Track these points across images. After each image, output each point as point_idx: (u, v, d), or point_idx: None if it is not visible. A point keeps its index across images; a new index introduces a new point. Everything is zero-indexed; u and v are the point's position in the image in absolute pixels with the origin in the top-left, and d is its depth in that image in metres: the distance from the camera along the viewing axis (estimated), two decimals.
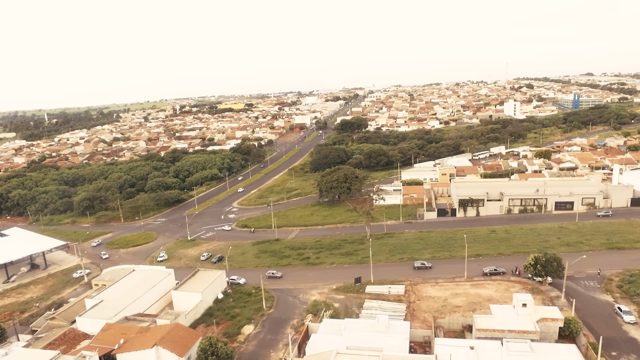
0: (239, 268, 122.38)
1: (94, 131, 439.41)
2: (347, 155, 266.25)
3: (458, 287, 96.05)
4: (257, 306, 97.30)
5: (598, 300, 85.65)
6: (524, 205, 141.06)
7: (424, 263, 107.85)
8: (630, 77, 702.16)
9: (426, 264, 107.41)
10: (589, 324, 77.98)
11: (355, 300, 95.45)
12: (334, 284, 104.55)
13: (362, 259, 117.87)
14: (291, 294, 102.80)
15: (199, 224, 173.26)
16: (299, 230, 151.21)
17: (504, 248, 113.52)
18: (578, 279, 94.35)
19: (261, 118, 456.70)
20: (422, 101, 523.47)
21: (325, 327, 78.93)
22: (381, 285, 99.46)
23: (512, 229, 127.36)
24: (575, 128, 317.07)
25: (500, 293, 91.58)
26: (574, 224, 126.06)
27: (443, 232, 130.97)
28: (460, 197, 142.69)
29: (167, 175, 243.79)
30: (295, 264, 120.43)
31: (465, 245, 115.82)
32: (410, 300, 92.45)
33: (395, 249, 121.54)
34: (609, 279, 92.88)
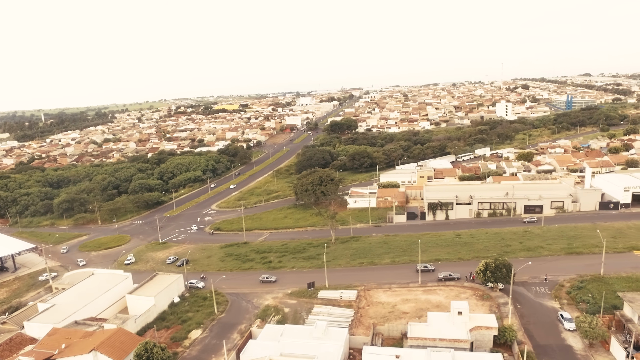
0: (201, 271, 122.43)
1: (86, 132, 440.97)
2: (332, 157, 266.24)
3: (410, 292, 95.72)
4: (210, 310, 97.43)
5: (545, 306, 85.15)
6: (493, 208, 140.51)
7: (424, 266, 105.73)
8: (627, 78, 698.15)
9: (429, 267, 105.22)
10: (531, 331, 77.63)
11: (306, 305, 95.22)
12: (289, 288, 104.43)
13: (322, 263, 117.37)
14: (246, 298, 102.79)
15: (174, 226, 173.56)
16: (269, 234, 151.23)
17: (464, 253, 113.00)
18: (530, 285, 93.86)
19: (253, 119, 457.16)
20: (416, 102, 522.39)
21: (266, 333, 78.97)
22: (334, 290, 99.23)
23: (478, 233, 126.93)
24: (564, 129, 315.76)
25: (451, 299, 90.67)
26: (539, 228, 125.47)
27: (409, 236, 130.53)
28: (430, 200, 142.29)
29: (151, 177, 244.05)
30: (257, 268, 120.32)
31: (425, 250, 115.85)
32: (359, 306, 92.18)
33: (358, 253, 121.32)
34: (560, 285, 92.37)
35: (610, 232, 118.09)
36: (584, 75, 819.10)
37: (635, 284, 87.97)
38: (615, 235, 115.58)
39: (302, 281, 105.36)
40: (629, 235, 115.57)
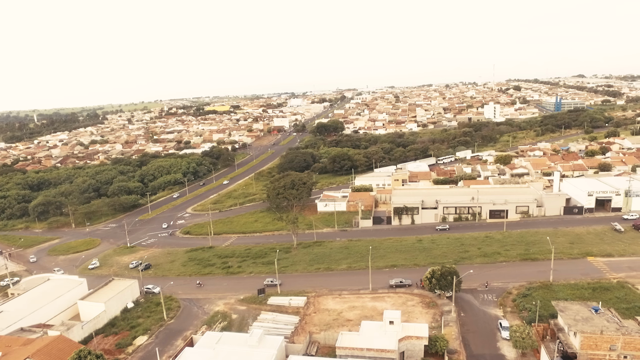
0: (162, 276, 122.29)
1: (75, 133, 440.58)
2: (314, 160, 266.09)
3: (359, 299, 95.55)
4: (161, 316, 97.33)
5: (488, 314, 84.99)
6: (458, 213, 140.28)
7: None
8: (619, 79, 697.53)
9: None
10: (468, 339, 77.47)
11: (255, 312, 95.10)
12: (243, 294, 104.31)
13: (280, 268, 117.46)
14: (198, 304, 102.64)
15: (146, 229, 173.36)
16: (236, 238, 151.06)
17: (421, 258, 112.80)
18: (478, 292, 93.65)
19: (243, 120, 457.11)
20: (407, 103, 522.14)
21: (204, 340, 78.72)
22: (285, 296, 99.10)
23: (439, 238, 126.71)
24: (548, 131, 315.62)
25: (397, 307, 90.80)
26: (501, 234, 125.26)
27: (371, 240, 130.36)
28: (395, 205, 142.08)
29: (132, 179, 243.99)
30: (215, 273, 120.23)
31: (384, 256, 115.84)
32: (306, 313, 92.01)
33: (317, 258, 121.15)
34: (508, 292, 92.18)
35: (569, 238, 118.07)
36: (577, 77, 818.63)
37: (580, 291, 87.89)
38: (573, 241, 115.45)
39: (250, 287, 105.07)
40: (586, 240, 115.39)
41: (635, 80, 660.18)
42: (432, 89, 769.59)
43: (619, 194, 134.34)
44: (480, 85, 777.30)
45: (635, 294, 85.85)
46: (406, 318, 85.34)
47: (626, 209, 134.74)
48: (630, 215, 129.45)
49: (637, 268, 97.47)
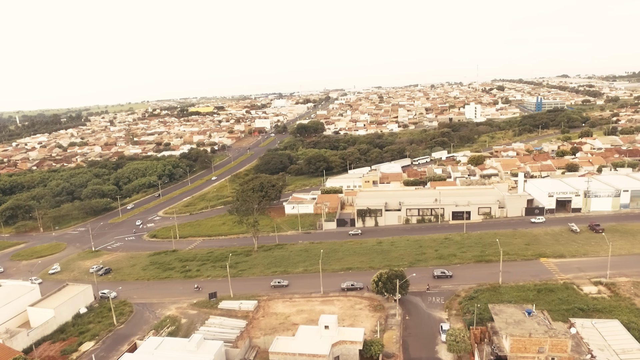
0: (120, 280, 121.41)
1: (55, 135, 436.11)
2: (290, 161, 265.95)
3: (308, 303, 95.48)
4: (111, 321, 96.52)
5: (433, 317, 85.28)
6: (421, 215, 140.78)
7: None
8: (601, 80, 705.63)
9: (446, 273, 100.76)
10: (408, 343, 77.70)
11: (205, 316, 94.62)
12: (196, 298, 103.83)
13: (238, 272, 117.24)
14: (151, 309, 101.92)
15: (114, 233, 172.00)
16: (201, 241, 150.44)
17: (378, 261, 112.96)
18: (427, 295, 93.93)
19: (225, 122, 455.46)
20: (390, 104, 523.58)
21: (145, 346, 78.45)
22: (236, 300, 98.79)
23: (399, 240, 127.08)
24: (526, 131, 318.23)
25: (345, 310, 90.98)
26: (460, 235, 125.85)
27: (333, 243, 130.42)
28: (359, 207, 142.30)
29: (107, 182, 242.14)
30: (174, 277, 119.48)
31: (342, 258, 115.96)
32: (254, 317, 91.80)
33: (276, 261, 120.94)
34: (456, 294, 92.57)
35: (526, 239, 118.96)
36: (561, 77, 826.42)
37: (525, 293, 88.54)
38: (530, 242, 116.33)
39: (205, 291, 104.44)
40: (542, 241, 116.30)
41: (616, 81, 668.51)
42: (417, 89, 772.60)
43: (578, 194, 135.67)
44: (465, 85, 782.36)
45: (579, 295, 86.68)
46: (351, 322, 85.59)
47: (585, 209, 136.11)
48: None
49: (586, 269, 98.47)
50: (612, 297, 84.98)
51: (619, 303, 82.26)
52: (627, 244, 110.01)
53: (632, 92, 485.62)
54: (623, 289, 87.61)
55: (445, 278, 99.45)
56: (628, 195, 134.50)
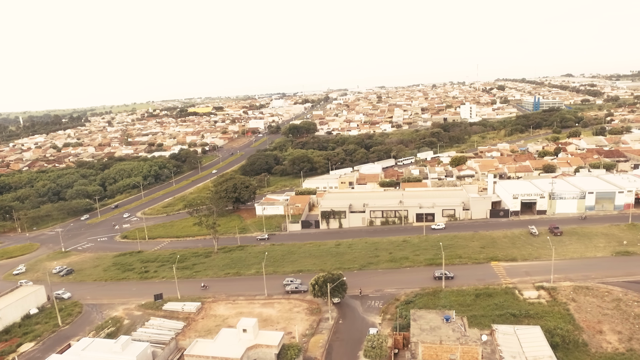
0: (80, 281, 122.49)
1: (52, 136, 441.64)
2: (277, 162, 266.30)
3: (250, 305, 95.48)
4: (58, 322, 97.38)
5: (366, 322, 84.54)
6: (385, 217, 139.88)
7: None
8: (605, 79, 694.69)
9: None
10: (333, 348, 77.22)
11: (148, 317, 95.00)
12: (145, 299, 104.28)
13: (193, 273, 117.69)
14: (100, 309, 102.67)
15: (88, 234, 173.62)
16: (169, 242, 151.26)
17: (330, 264, 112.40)
18: (367, 299, 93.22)
19: (220, 122, 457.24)
20: (387, 104, 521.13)
21: (76, 347, 79.07)
22: (180, 302, 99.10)
23: (357, 242, 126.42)
24: (517, 131, 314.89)
25: (282, 313, 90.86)
26: (418, 237, 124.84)
27: (292, 245, 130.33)
28: (323, 209, 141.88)
29: (93, 183, 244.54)
30: (131, 278, 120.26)
31: (296, 261, 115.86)
32: (194, 319, 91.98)
33: (232, 263, 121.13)
34: (396, 298, 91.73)
35: (484, 242, 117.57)
36: (565, 76, 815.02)
37: (463, 298, 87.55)
38: (485, 245, 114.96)
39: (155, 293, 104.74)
40: (499, 245, 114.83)
41: (619, 80, 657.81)
42: (418, 89, 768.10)
43: (543, 196, 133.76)
44: (467, 85, 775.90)
45: (517, 300, 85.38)
46: (285, 325, 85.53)
47: (550, 211, 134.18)
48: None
49: (533, 273, 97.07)
50: (549, 302, 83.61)
51: (553, 308, 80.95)
52: (581, 247, 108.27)
53: (633, 92, 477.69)
54: (562, 294, 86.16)
55: (387, 281, 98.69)
56: (593, 197, 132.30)
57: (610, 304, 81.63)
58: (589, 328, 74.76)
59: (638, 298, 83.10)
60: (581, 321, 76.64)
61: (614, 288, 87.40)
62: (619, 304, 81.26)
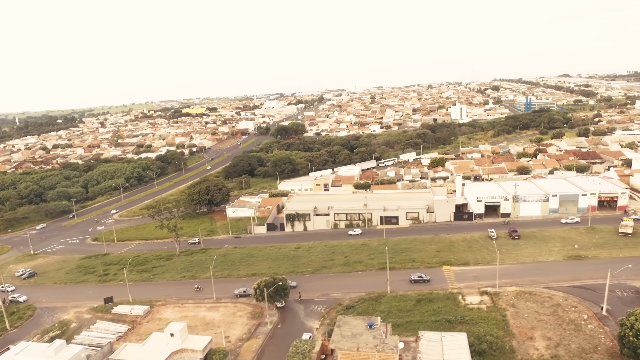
0: (40, 284, 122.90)
1: (43, 137, 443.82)
2: (260, 163, 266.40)
3: (196, 309, 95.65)
4: (5, 325, 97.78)
5: (305, 326, 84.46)
6: (349, 219, 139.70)
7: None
8: (601, 79, 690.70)
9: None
10: (265, 352, 77.38)
11: (97, 320, 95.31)
12: (98, 302, 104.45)
13: (150, 276, 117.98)
14: (52, 313, 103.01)
15: (62, 236, 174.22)
16: (137, 244, 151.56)
17: (285, 267, 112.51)
18: (312, 303, 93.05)
19: (212, 123, 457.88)
20: (380, 104, 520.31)
21: (14, 350, 79.49)
22: (129, 305, 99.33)
23: (316, 245, 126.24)
24: (505, 132, 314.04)
25: (226, 317, 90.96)
26: (377, 241, 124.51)
27: (254, 248, 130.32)
28: (288, 212, 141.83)
29: (76, 184, 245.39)
30: (90, 281, 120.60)
31: (252, 264, 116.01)
32: (139, 322, 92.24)
33: (191, 266, 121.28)
34: (339, 303, 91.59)
35: (441, 245, 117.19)
36: (562, 76, 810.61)
37: (404, 303, 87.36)
38: (442, 249, 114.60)
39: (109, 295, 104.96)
40: (456, 248, 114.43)
41: (614, 80, 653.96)
42: (413, 89, 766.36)
43: (507, 199, 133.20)
44: (463, 85, 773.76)
45: (457, 305, 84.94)
46: (225, 328, 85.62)
47: (514, 214, 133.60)
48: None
49: (482, 277, 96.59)
50: (489, 308, 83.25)
51: (490, 314, 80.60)
52: (536, 251, 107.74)
53: (627, 92, 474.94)
54: (504, 299, 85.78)
55: (337, 286, 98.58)
56: (557, 200, 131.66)
57: (549, 309, 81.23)
58: (520, 334, 74.41)
59: (577, 303, 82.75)
60: (515, 327, 76.29)
61: (557, 293, 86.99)
62: (557, 309, 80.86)
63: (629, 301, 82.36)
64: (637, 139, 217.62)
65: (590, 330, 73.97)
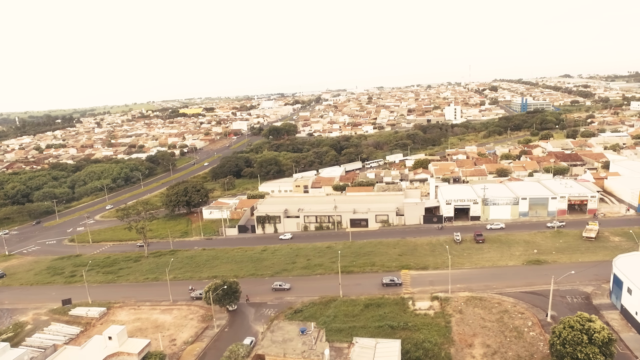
0: (7, 286, 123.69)
1: (38, 137, 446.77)
2: (247, 164, 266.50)
3: (150, 311, 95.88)
4: None
5: (251, 330, 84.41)
6: (319, 222, 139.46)
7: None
8: (601, 79, 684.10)
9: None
10: (207, 356, 77.44)
11: (54, 322, 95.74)
12: (58, 304, 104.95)
13: (115, 277, 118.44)
14: (11, 314, 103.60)
15: (41, 237, 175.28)
16: (110, 246, 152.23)
17: (246, 270, 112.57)
18: (264, 307, 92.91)
19: (206, 124, 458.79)
20: (375, 105, 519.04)
21: None
22: (86, 307, 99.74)
23: (282, 248, 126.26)
24: (496, 133, 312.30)
25: (178, 319, 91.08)
26: (343, 244, 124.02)
27: (221, 250, 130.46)
28: (258, 214, 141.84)
29: (63, 185, 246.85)
30: (56, 282, 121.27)
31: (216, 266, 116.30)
32: (92, 325, 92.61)
33: (157, 268, 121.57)
34: (290, 307, 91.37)
35: (405, 249, 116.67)
36: (563, 77, 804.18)
37: (353, 308, 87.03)
38: (405, 252, 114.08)
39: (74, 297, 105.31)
40: (419, 252, 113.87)
41: (614, 80, 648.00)
42: (411, 89, 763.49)
43: (476, 202, 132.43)
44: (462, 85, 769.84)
45: (405, 311, 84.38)
46: (174, 331, 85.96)
47: (484, 217, 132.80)
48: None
49: (438, 282, 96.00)
50: (437, 314, 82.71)
51: (435, 320, 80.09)
52: (497, 255, 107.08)
53: (625, 93, 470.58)
54: (453, 305, 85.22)
55: (283, 290, 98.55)
56: (527, 203, 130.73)
57: (495, 315, 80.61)
58: (461, 341, 73.87)
59: (525, 309, 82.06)
60: (457, 334, 75.75)
61: (508, 299, 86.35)
62: (504, 315, 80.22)
63: (577, 307, 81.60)
64: (622, 141, 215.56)
65: (531, 338, 73.30)
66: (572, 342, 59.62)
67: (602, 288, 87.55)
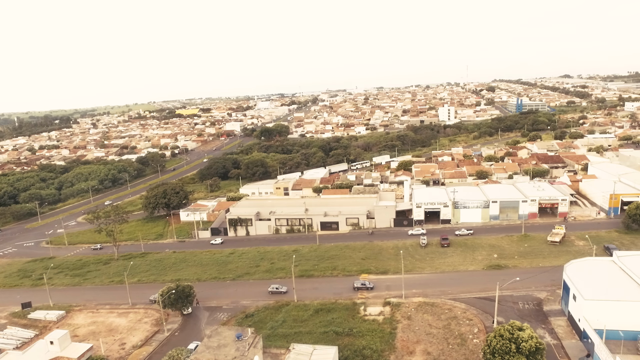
0: None
1: (33, 138, 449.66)
2: (235, 165, 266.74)
3: (107, 314, 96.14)
4: None
5: (202, 334, 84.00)
6: (290, 225, 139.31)
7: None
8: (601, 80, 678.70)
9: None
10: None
11: (9, 325, 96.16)
12: (19, 307, 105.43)
13: (81, 280, 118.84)
14: None
15: (20, 239, 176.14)
16: (85, 248, 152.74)
17: (210, 273, 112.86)
18: (219, 310, 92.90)
19: (201, 125, 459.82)
20: (371, 105, 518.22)
21: None
22: (47, 310, 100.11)
23: (249, 251, 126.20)
24: (486, 134, 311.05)
25: (132, 323, 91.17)
26: (309, 247, 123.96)
27: (190, 253, 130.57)
28: (230, 216, 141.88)
29: (51, 186, 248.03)
30: (24, 285, 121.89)
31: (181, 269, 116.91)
32: (49, 328, 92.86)
33: (125, 270, 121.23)
34: (243, 311, 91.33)
35: (370, 253, 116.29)
36: (563, 77, 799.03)
37: (303, 313, 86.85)
38: (368, 256, 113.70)
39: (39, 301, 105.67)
40: (382, 256, 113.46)
41: (613, 81, 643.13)
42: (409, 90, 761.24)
43: (446, 205, 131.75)
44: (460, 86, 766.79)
45: (354, 317, 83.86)
46: (126, 335, 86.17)
47: (454, 220, 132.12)
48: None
49: (394, 287, 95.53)
50: (385, 320, 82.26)
51: (381, 326, 79.63)
52: (459, 260, 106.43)
53: (622, 94, 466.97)
54: (403, 311, 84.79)
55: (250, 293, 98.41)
56: (497, 207, 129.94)
57: (443, 322, 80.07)
58: (403, 348, 73.43)
59: (474, 316, 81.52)
60: (400, 340, 75.28)
61: (459, 305, 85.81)
62: (451, 322, 79.69)
63: (526, 313, 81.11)
64: (607, 143, 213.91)
65: (474, 345, 72.73)
66: (500, 351, 59.17)
67: (555, 294, 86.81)
